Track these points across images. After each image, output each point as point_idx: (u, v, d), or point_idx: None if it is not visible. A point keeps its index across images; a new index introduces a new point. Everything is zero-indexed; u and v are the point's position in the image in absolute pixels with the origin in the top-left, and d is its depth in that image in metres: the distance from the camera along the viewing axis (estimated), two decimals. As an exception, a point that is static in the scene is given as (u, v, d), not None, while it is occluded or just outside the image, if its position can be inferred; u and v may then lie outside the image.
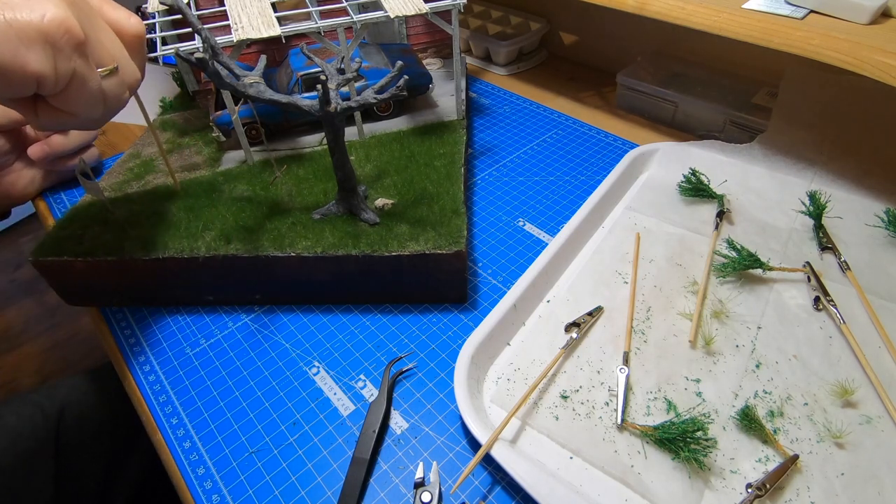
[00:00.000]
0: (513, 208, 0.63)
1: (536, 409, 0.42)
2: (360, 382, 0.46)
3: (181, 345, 0.50)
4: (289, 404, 0.45)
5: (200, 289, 0.52)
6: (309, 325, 0.51)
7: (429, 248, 0.47)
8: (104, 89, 0.37)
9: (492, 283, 0.54)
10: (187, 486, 0.41)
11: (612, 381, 0.44)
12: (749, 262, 0.50)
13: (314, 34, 0.53)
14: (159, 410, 0.45)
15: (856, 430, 0.40)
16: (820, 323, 0.47)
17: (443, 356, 0.48)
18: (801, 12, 0.52)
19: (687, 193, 0.60)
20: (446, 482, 0.39)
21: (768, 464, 0.38)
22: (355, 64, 0.46)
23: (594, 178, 0.66)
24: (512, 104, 0.81)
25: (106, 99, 0.37)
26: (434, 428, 0.43)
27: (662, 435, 0.39)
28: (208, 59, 0.42)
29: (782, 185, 0.61)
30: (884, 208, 0.56)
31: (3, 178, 0.64)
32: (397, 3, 0.54)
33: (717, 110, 0.69)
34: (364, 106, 0.45)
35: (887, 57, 0.46)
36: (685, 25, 0.56)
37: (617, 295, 0.51)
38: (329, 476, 0.40)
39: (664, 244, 0.55)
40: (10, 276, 1.81)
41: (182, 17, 0.44)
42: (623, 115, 0.78)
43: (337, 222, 0.51)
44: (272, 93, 0.44)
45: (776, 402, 0.42)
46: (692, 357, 0.45)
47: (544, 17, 0.91)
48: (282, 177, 0.58)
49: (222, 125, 0.61)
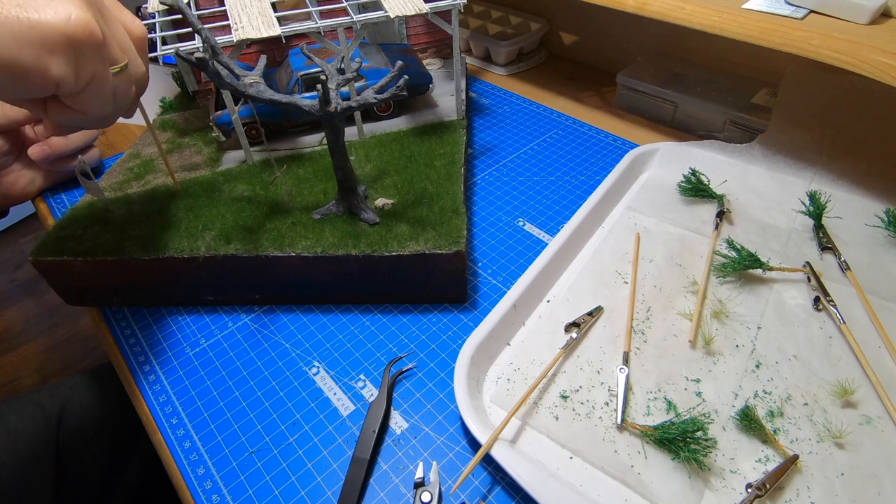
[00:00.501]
0: (513, 208, 0.63)
1: (536, 409, 0.42)
2: (360, 382, 0.46)
3: (181, 345, 0.50)
4: (289, 404, 0.45)
5: (200, 289, 0.52)
6: (309, 325, 0.51)
7: (429, 248, 0.47)
8: (115, 87, 0.36)
9: (492, 283, 0.54)
10: (187, 486, 0.41)
11: (612, 381, 0.44)
12: (749, 262, 0.50)
13: (314, 34, 0.53)
14: (159, 410, 0.45)
15: (856, 430, 0.40)
16: (820, 323, 0.47)
17: (443, 356, 0.48)
18: (801, 12, 0.52)
19: (687, 193, 0.60)
20: (446, 482, 0.39)
21: (768, 464, 0.38)
22: (355, 64, 0.46)
23: (594, 178, 0.66)
24: (512, 104, 0.81)
25: (116, 97, 0.37)
26: (434, 428, 0.43)
27: (662, 435, 0.39)
28: (208, 59, 0.42)
29: (782, 185, 0.61)
30: (884, 208, 0.56)
31: (2, 178, 0.64)
32: (397, 3, 0.54)
33: (717, 110, 0.69)
34: (364, 106, 0.45)
35: (887, 57, 0.46)
36: (685, 25, 0.56)
37: (617, 295, 0.51)
38: (329, 476, 0.40)
39: (664, 244, 0.55)
40: (10, 276, 1.81)
41: (182, 17, 0.44)
42: (623, 115, 0.78)
43: (337, 222, 0.51)
44: (272, 93, 0.44)
45: (776, 403, 0.42)
46: (692, 357, 0.45)
47: (544, 17, 0.91)
48: (282, 177, 0.58)
49: (222, 125, 0.61)
